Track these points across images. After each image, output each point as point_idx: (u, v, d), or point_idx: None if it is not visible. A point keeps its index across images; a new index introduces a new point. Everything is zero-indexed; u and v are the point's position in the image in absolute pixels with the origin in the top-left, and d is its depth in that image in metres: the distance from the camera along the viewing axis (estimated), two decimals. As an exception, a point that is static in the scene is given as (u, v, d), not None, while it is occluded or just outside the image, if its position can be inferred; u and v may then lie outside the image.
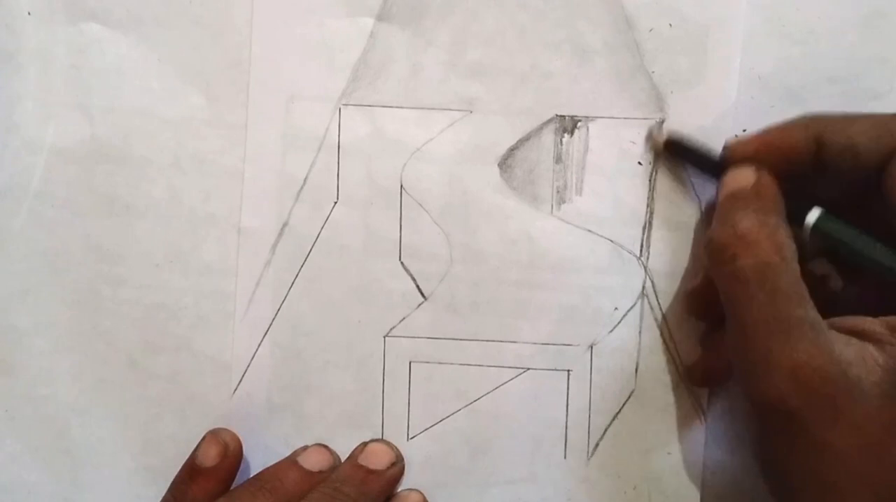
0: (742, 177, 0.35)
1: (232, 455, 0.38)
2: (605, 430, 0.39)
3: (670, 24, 0.38)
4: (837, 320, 0.32)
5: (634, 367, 0.39)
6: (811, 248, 0.35)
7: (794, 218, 0.34)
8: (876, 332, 0.31)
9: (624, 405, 0.39)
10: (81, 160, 0.39)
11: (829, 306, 0.33)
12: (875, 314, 0.32)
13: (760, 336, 0.32)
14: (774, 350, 0.31)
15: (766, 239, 0.33)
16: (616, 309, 0.39)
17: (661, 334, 0.39)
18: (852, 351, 0.31)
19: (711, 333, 0.38)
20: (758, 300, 0.32)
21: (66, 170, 0.39)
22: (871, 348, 0.31)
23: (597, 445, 0.39)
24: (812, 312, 0.32)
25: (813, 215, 0.34)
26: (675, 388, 0.39)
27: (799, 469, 0.31)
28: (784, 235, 0.33)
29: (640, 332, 0.39)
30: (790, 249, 0.33)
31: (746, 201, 0.34)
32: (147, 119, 0.39)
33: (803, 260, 0.33)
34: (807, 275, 0.33)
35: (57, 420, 0.40)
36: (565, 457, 0.39)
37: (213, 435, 0.38)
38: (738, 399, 0.38)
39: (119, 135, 0.39)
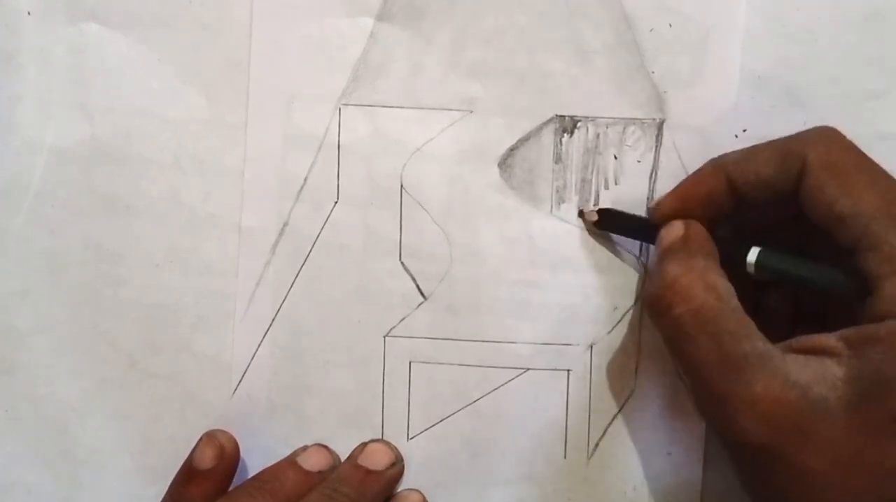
0: (672, 232, 0.35)
1: (228, 456, 0.38)
2: (605, 430, 0.39)
3: (670, 24, 0.38)
4: (793, 341, 0.32)
5: (634, 367, 0.39)
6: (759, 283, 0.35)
7: (738, 262, 0.34)
8: (832, 347, 0.31)
9: (624, 405, 0.39)
10: (81, 160, 0.39)
11: (783, 328, 0.33)
12: (830, 328, 0.32)
13: (713, 379, 0.31)
14: (730, 389, 0.31)
15: (697, 282, 0.33)
16: (616, 309, 0.39)
17: (661, 334, 0.39)
18: (811, 370, 0.31)
19: None
20: (701, 344, 0.32)
21: (66, 170, 0.39)
22: (829, 363, 0.31)
23: (597, 445, 0.39)
24: (760, 343, 0.31)
25: (752, 255, 0.34)
26: (675, 388, 0.39)
27: (781, 496, 0.31)
28: (715, 275, 0.33)
29: (640, 332, 0.39)
30: (724, 288, 0.33)
31: (674, 252, 0.34)
32: (147, 119, 0.39)
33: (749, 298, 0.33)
34: (755, 305, 0.33)
35: (57, 420, 0.40)
36: (565, 457, 0.39)
37: (209, 437, 0.38)
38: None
39: (119, 135, 0.39)
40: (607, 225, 0.38)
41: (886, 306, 0.31)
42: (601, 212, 0.38)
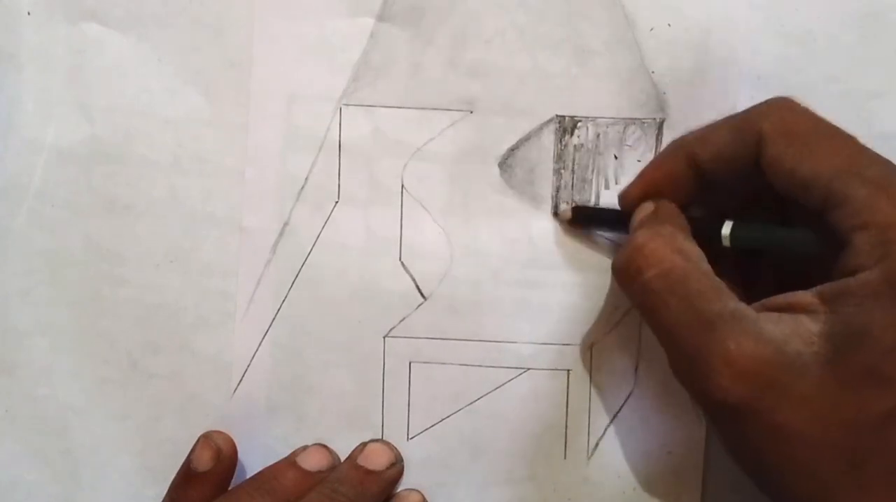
0: (643, 210, 0.35)
1: (226, 457, 0.38)
2: (605, 430, 0.39)
3: (670, 24, 0.38)
4: (767, 300, 0.32)
5: (634, 367, 0.39)
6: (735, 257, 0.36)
7: (714, 236, 0.34)
8: (807, 303, 0.31)
9: (624, 405, 0.39)
10: (81, 160, 0.39)
11: (756, 293, 0.33)
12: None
13: (686, 339, 0.32)
14: (703, 349, 0.31)
15: (664, 246, 0.33)
16: (616, 309, 0.39)
17: (661, 334, 0.39)
18: (786, 327, 0.31)
19: None
20: (672, 306, 0.32)
21: (66, 170, 0.39)
22: (804, 320, 0.31)
23: (597, 445, 0.39)
24: (732, 303, 0.31)
25: (726, 228, 0.34)
26: (675, 388, 0.39)
27: (760, 453, 0.31)
28: (682, 240, 0.33)
29: (640, 332, 0.39)
30: (693, 251, 0.33)
31: (643, 223, 0.35)
32: (147, 119, 0.39)
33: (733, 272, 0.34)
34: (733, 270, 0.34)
35: (57, 420, 0.40)
36: (565, 457, 0.39)
37: (206, 438, 0.38)
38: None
39: (119, 135, 0.39)
40: (582, 221, 0.38)
41: (857, 259, 0.30)
42: (574, 209, 0.38)
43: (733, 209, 0.35)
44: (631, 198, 0.36)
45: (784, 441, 0.30)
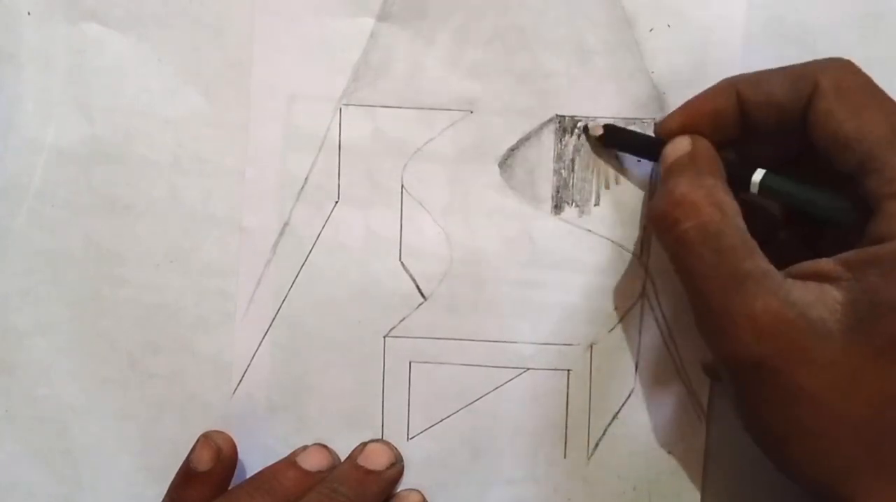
0: (678, 147, 0.35)
1: (226, 457, 0.38)
2: (605, 430, 0.39)
3: (670, 25, 0.38)
4: (793, 268, 0.32)
5: (634, 367, 0.39)
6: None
7: (741, 184, 0.34)
8: (831, 271, 0.31)
9: (624, 405, 0.39)
10: (81, 160, 0.39)
11: (782, 257, 0.33)
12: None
13: (714, 293, 0.32)
14: (730, 304, 0.31)
15: (704, 199, 0.33)
16: (616, 309, 0.39)
17: (661, 334, 0.39)
18: (810, 293, 0.31)
19: None
20: (705, 259, 0.32)
21: (66, 170, 0.39)
22: (829, 288, 0.31)
23: (597, 445, 0.39)
24: (763, 263, 0.32)
25: (757, 176, 0.34)
26: (675, 388, 0.39)
27: (777, 418, 0.31)
28: (722, 193, 0.33)
29: (640, 332, 0.39)
30: (730, 206, 0.33)
31: (682, 168, 0.34)
32: (147, 119, 0.39)
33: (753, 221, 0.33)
34: (756, 228, 0.33)
35: (57, 420, 0.40)
36: (565, 457, 0.39)
37: (206, 438, 0.38)
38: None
39: (119, 135, 0.39)
40: (611, 141, 0.38)
41: (885, 227, 0.31)
42: (606, 127, 0.38)
43: (762, 165, 0.35)
44: (669, 128, 0.36)
45: (802, 405, 0.31)
